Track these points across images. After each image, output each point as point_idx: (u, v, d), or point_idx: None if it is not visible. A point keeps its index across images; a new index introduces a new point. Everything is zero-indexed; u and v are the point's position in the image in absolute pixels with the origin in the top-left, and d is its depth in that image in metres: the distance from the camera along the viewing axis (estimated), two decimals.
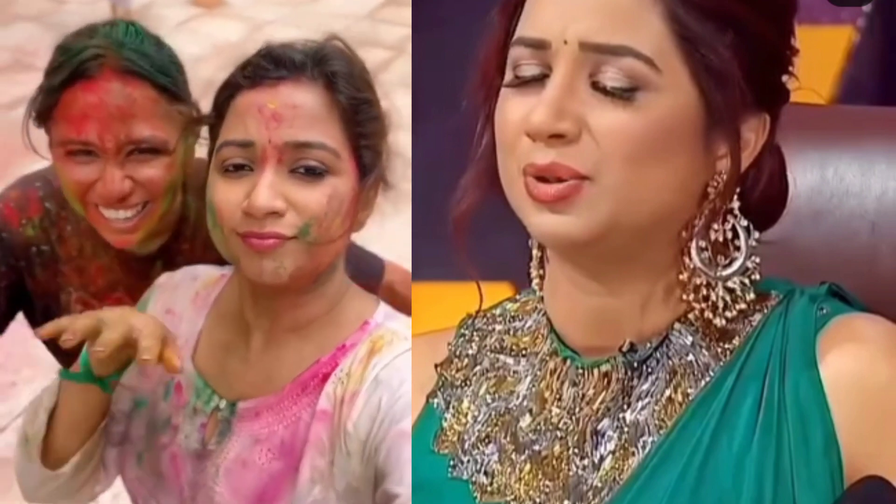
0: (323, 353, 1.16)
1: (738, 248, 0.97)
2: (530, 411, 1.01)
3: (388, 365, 1.12)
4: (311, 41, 1.14)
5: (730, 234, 0.97)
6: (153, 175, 1.36)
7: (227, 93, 1.13)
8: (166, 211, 1.40)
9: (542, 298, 1.04)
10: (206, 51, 4.95)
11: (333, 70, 1.12)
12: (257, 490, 1.15)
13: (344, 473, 1.11)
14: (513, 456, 1.01)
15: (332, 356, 1.15)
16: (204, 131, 1.20)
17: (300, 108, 1.09)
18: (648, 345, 0.98)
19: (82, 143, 1.33)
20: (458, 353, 1.08)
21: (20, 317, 1.54)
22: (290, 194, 1.08)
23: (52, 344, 1.21)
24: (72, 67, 1.34)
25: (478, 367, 1.06)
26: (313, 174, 1.09)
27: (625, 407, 0.98)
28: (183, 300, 1.28)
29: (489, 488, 1.01)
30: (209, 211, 1.12)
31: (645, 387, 0.98)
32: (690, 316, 0.98)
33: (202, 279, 1.30)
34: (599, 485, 0.97)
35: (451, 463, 1.03)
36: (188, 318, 1.26)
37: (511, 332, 1.07)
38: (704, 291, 0.97)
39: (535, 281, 1.05)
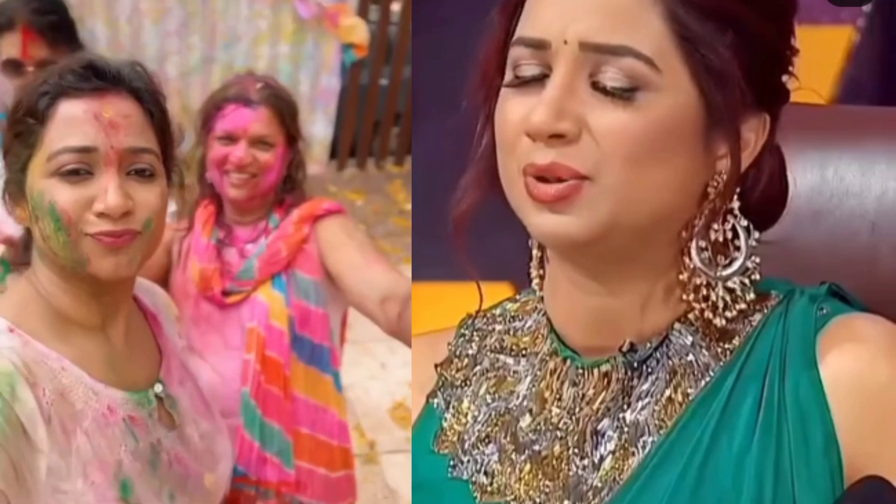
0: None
1: (738, 248, 0.97)
2: (530, 411, 1.01)
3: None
4: (115, 60, 1.23)
5: (730, 234, 0.97)
6: None
7: (47, 99, 1.17)
8: None
9: (542, 298, 1.04)
10: None
11: (140, 86, 1.21)
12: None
13: None
14: (513, 456, 1.01)
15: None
16: None
17: (131, 117, 1.19)
18: (648, 345, 0.98)
19: None
20: (458, 353, 1.08)
21: None
22: (134, 194, 1.17)
23: None
24: None
25: (478, 367, 1.07)
26: (144, 175, 1.18)
27: (625, 407, 0.98)
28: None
29: (489, 488, 1.01)
30: (49, 216, 1.15)
31: (645, 387, 0.98)
32: (690, 316, 0.98)
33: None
34: (599, 485, 0.97)
35: (451, 463, 1.03)
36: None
37: (511, 332, 1.07)
38: (704, 291, 0.97)
39: (535, 281, 1.05)
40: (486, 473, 1.02)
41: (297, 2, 5.06)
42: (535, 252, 1.04)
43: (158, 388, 1.28)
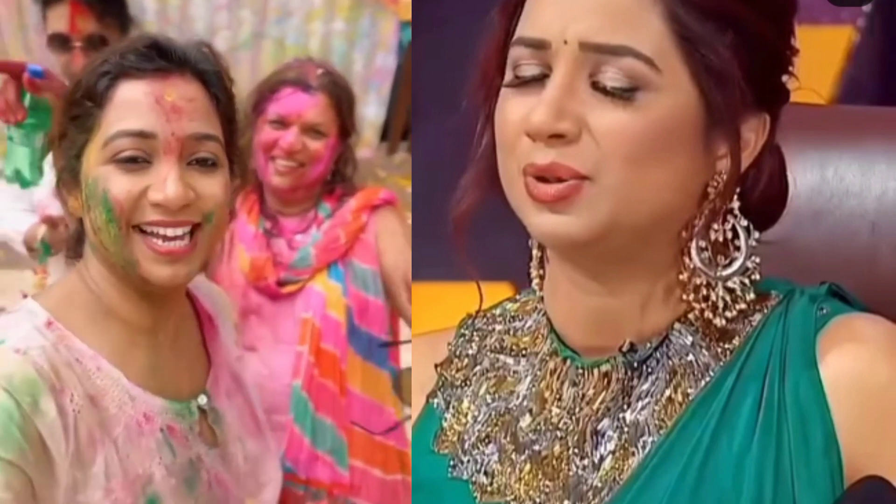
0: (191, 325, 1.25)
1: (738, 248, 0.97)
2: (530, 411, 1.01)
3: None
4: (179, 40, 1.16)
5: (730, 234, 0.96)
6: None
7: (107, 80, 1.10)
8: None
9: (542, 298, 1.04)
10: None
11: (207, 69, 1.14)
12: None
13: None
14: (513, 456, 1.01)
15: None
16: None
17: (196, 102, 1.11)
18: (648, 345, 0.98)
19: None
20: (458, 353, 1.08)
21: None
22: (195, 185, 1.10)
23: None
24: None
25: (478, 367, 1.07)
26: (206, 165, 1.11)
27: (625, 407, 0.98)
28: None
29: (489, 488, 1.01)
30: (101, 206, 1.08)
31: (645, 387, 0.98)
32: (690, 316, 0.98)
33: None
34: (599, 485, 0.97)
35: (451, 463, 1.03)
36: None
37: (511, 332, 1.07)
38: (704, 291, 0.97)
39: (535, 281, 1.05)
40: (486, 473, 1.02)
41: None
42: (535, 252, 1.04)
43: (203, 399, 1.19)
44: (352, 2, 4.99)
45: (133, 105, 1.09)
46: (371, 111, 5.24)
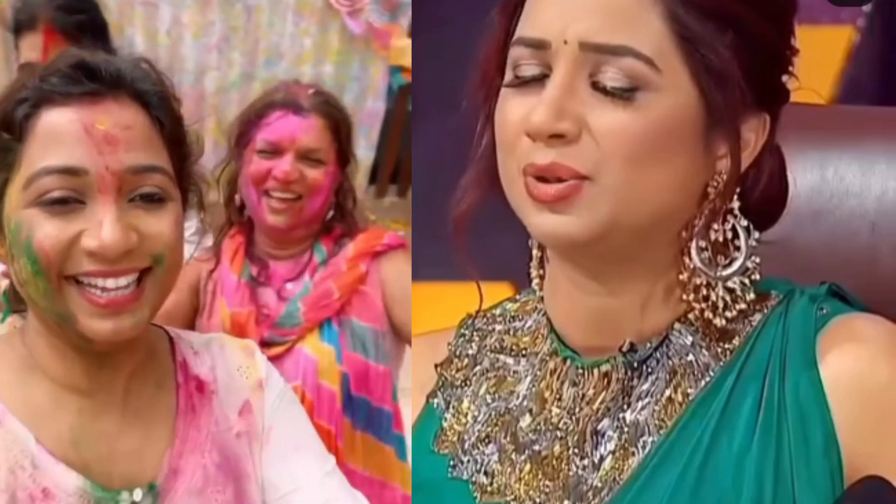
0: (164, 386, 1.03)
1: (738, 248, 0.97)
2: (530, 411, 1.01)
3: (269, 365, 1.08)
4: (114, 58, 1.00)
5: (730, 234, 0.96)
6: None
7: (26, 108, 0.93)
8: None
9: (542, 298, 1.04)
10: None
11: (147, 89, 0.97)
12: None
13: None
14: (513, 456, 1.01)
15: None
16: None
17: (134, 129, 0.94)
18: (648, 345, 0.98)
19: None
20: (458, 353, 1.08)
21: None
22: (140, 225, 0.93)
23: None
24: None
25: (478, 367, 1.07)
26: (152, 201, 0.94)
27: (625, 407, 0.98)
28: None
29: (489, 488, 1.01)
30: (24, 256, 0.91)
31: (645, 387, 0.98)
32: (690, 316, 0.98)
33: None
34: (599, 485, 0.97)
35: (451, 463, 1.03)
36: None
37: (511, 332, 1.07)
38: (704, 291, 0.97)
39: (535, 281, 1.05)
40: (486, 473, 1.02)
41: (348, 18, 4.92)
42: (535, 252, 1.04)
43: (138, 495, 0.96)
44: (342, 46, 4.98)
45: (58, 137, 0.92)
46: (360, 154, 5.26)
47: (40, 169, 0.91)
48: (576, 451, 0.99)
